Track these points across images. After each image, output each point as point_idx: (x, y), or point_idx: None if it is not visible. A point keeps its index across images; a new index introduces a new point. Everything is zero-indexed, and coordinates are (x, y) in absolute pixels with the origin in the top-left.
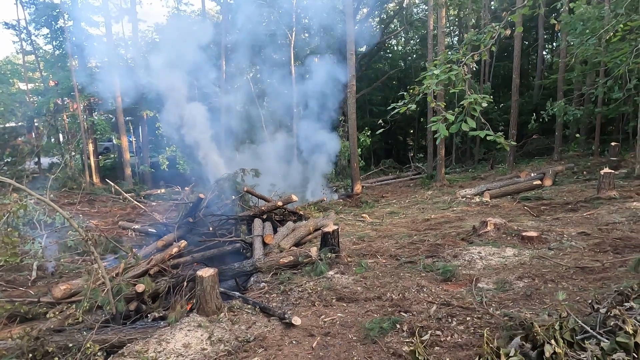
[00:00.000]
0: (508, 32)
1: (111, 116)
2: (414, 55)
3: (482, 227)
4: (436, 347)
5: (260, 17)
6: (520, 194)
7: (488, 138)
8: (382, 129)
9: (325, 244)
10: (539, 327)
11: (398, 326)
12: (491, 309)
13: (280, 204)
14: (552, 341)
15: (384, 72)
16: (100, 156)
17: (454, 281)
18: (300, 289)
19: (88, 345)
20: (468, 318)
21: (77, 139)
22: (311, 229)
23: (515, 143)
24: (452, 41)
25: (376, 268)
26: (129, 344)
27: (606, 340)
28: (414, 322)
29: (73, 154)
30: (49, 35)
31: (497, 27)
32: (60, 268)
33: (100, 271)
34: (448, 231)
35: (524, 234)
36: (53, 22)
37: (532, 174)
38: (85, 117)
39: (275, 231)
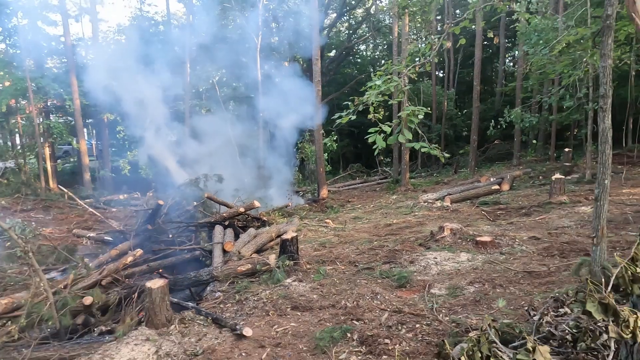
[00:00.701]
0: (449, 44)
1: (70, 119)
2: (382, 61)
3: (440, 232)
4: (384, 356)
5: (226, 20)
6: (480, 198)
7: (422, 150)
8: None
9: (284, 251)
10: (472, 334)
11: (349, 335)
12: (441, 315)
13: (242, 210)
14: (462, 358)
15: (353, 76)
16: (59, 160)
17: (408, 287)
18: (255, 298)
19: None
20: (417, 325)
21: (33, 142)
22: (273, 236)
23: (448, 155)
24: (419, 47)
25: (334, 275)
26: None
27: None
28: (364, 331)
29: (28, 158)
30: (1, 34)
31: (437, 39)
32: (6, 280)
33: (42, 284)
34: (408, 236)
35: (478, 239)
36: (6, 20)
37: (492, 179)
38: (41, 119)
39: (237, 238)
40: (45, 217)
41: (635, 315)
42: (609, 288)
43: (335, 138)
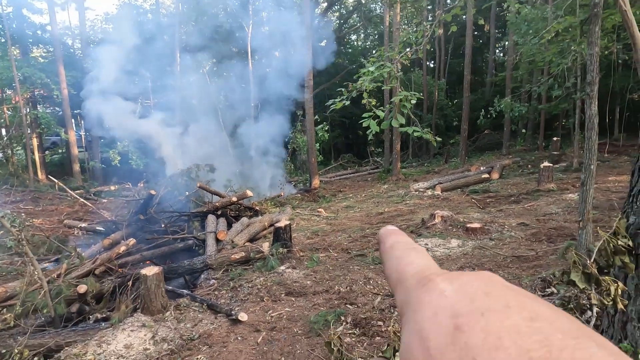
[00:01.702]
0: (441, 31)
1: (58, 109)
2: (373, 51)
3: (431, 219)
4: (377, 337)
5: (216, 9)
6: (470, 187)
7: (415, 134)
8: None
9: (278, 239)
10: None
11: (342, 318)
12: None
13: (234, 199)
14: None
15: (344, 66)
16: (47, 151)
17: None
18: (250, 285)
19: (16, 351)
20: None
21: (20, 133)
22: (266, 224)
23: (440, 139)
24: (411, 34)
25: (327, 262)
26: (66, 348)
27: None
28: (358, 314)
29: (16, 149)
30: None
31: (429, 26)
32: None
33: (36, 273)
34: (399, 224)
35: (468, 225)
36: None
37: (482, 168)
38: (28, 110)
39: (229, 227)
40: (34, 209)
41: (615, 284)
42: (592, 259)
43: (326, 128)
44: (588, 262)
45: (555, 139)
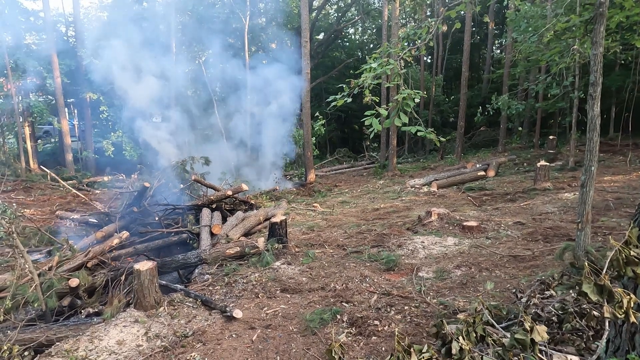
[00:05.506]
0: (445, 27)
1: (51, 98)
2: (371, 45)
3: (427, 217)
4: (373, 337)
5: None
6: (466, 184)
7: (419, 134)
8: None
9: (273, 234)
10: (462, 316)
11: (338, 317)
12: (428, 297)
13: (229, 193)
14: (460, 338)
15: (341, 60)
16: (39, 140)
17: (396, 270)
18: (244, 281)
19: (5, 348)
20: (406, 307)
21: (12, 121)
22: (261, 219)
23: (444, 139)
24: (416, 30)
25: (323, 258)
26: (58, 343)
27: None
28: (354, 313)
29: (7, 137)
30: None
31: (434, 22)
32: None
33: (27, 266)
34: (395, 221)
35: (464, 223)
36: None
37: (478, 165)
38: (20, 98)
39: (224, 221)
40: (26, 199)
41: (628, 297)
42: (605, 270)
43: (323, 122)
44: (602, 274)
45: (551, 137)
